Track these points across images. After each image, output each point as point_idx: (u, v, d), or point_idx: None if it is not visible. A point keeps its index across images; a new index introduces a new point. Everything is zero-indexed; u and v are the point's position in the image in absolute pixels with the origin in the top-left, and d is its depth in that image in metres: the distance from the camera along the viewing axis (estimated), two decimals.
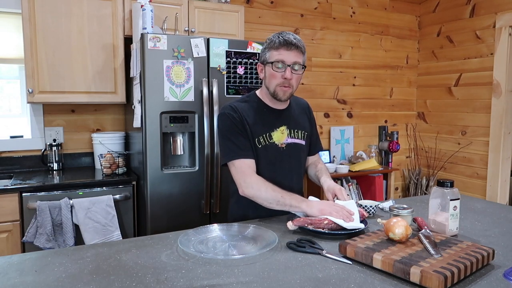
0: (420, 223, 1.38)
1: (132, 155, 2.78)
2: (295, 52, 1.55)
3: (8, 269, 1.11)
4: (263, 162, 1.63)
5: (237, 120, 1.60)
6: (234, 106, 1.64)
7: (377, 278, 1.05)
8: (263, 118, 1.65)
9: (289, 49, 1.53)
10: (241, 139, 1.59)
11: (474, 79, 3.74)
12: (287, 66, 1.55)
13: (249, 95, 1.72)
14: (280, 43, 1.53)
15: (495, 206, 1.80)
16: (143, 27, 2.44)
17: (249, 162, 1.57)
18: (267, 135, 1.63)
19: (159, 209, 2.38)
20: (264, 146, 1.62)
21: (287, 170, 1.67)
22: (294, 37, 1.55)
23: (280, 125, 1.67)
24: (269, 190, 1.51)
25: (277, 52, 1.55)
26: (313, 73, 3.75)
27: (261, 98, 1.69)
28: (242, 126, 1.60)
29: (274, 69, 1.56)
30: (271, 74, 1.57)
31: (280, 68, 1.55)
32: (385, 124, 4.19)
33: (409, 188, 4.25)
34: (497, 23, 3.51)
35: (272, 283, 1.03)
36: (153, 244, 1.31)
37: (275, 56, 1.55)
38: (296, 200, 1.50)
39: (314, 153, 1.87)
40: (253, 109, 1.65)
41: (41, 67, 2.52)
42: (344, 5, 3.85)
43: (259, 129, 1.63)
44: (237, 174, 1.57)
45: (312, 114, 1.85)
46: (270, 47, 1.57)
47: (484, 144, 3.67)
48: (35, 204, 2.21)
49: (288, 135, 1.68)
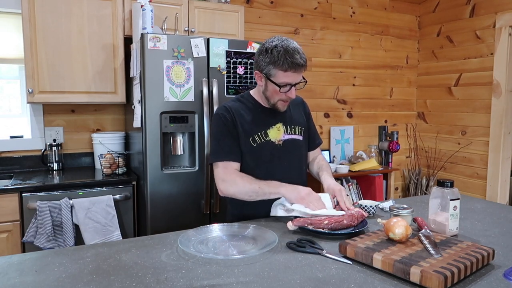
0: (420, 223, 1.38)
1: (132, 155, 2.78)
2: (301, 71, 1.53)
3: (8, 269, 1.11)
4: (260, 161, 1.63)
5: (229, 121, 1.61)
6: (228, 106, 1.64)
7: (377, 278, 1.05)
8: (258, 116, 1.65)
9: (296, 71, 1.51)
10: (228, 142, 1.60)
11: (474, 79, 3.74)
12: (292, 86, 1.54)
13: (243, 95, 1.72)
14: (289, 66, 1.48)
15: (495, 206, 1.80)
16: (143, 27, 2.45)
17: (233, 165, 1.60)
18: (262, 133, 1.64)
19: (159, 209, 2.38)
20: (259, 145, 1.63)
21: (286, 167, 1.67)
22: (300, 55, 1.49)
23: (276, 122, 1.67)
24: (246, 184, 1.53)
25: (284, 74, 1.50)
26: (313, 73, 3.75)
27: (256, 99, 1.69)
28: (233, 127, 1.61)
29: (281, 90, 1.54)
30: (274, 91, 1.57)
31: (286, 88, 1.54)
32: (385, 124, 4.19)
33: (409, 188, 4.25)
34: (497, 23, 3.51)
35: (272, 283, 1.03)
36: (153, 244, 1.31)
37: (282, 78, 1.52)
38: (274, 186, 1.52)
39: (314, 147, 1.86)
40: (248, 108, 1.66)
41: (41, 67, 2.52)
42: (344, 5, 3.85)
43: (254, 128, 1.63)
44: (217, 176, 1.61)
45: (307, 108, 1.84)
46: (276, 65, 1.49)
47: (484, 144, 3.67)
48: (35, 204, 2.21)
49: (284, 132, 1.68)
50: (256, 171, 1.60)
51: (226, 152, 1.60)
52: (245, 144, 1.62)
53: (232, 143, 1.61)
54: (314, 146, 1.86)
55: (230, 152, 1.60)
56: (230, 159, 1.59)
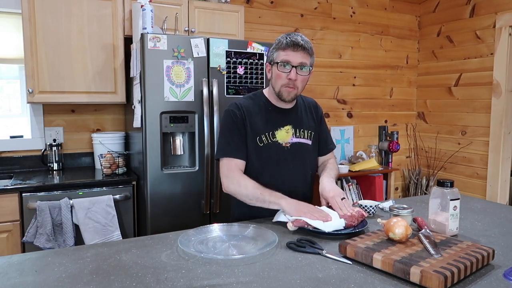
0: (420, 223, 1.38)
1: (132, 155, 2.78)
2: (302, 53, 1.54)
3: (8, 269, 1.11)
4: (265, 162, 1.62)
5: (238, 118, 1.61)
6: (239, 103, 1.65)
7: (377, 278, 1.05)
8: (267, 116, 1.65)
9: (296, 50, 1.54)
10: (235, 139, 1.60)
11: (474, 79, 3.74)
12: (293, 67, 1.54)
13: (256, 93, 1.73)
14: (287, 44, 1.54)
15: (495, 206, 1.80)
16: (143, 27, 2.44)
17: (237, 162, 1.60)
18: (270, 134, 1.63)
19: (159, 209, 2.38)
20: (266, 145, 1.62)
21: (291, 170, 1.65)
22: (302, 38, 1.56)
23: (285, 124, 1.66)
24: (249, 187, 1.54)
25: (284, 52, 1.55)
26: (313, 73, 3.72)
27: (268, 97, 1.69)
28: (242, 124, 1.61)
29: (279, 70, 1.56)
30: (276, 74, 1.58)
31: (286, 68, 1.55)
32: (385, 124, 4.19)
33: (409, 188, 4.25)
34: (497, 23, 3.51)
35: (272, 283, 1.03)
36: (153, 244, 1.31)
37: (281, 56, 1.55)
38: (276, 197, 1.50)
39: (326, 152, 1.81)
40: (258, 107, 1.66)
41: (41, 67, 2.52)
42: (344, 5, 3.85)
43: (262, 127, 1.62)
44: (222, 172, 1.62)
45: (320, 112, 1.81)
46: (278, 48, 1.57)
47: (484, 144, 3.67)
48: (35, 204, 2.21)
49: (293, 135, 1.67)
50: (261, 171, 1.60)
51: (232, 149, 1.60)
52: (251, 142, 1.62)
53: (239, 141, 1.61)
54: (325, 151, 1.81)
55: (236, 149, 1.60)
56: (235, 156, 1.59)
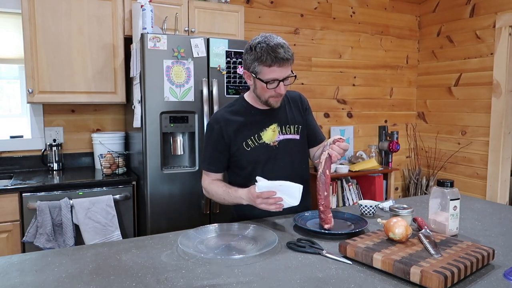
0: (420, 223, 1.38)
1: (132, 155, 2.78)
2: (287, 66, 1.51)
3: (8, 269, 1.11)
4: (255, 164, 1.63)
5: (215, 132, 1.64)
6: (217, 117, 1.66)
7: (377, 278, 1.05)
8: (251, 120, 1.64)
9: (282, 66, 1.49)
10: (210, 153, 1.69)
11: (474, 79, 3.74)
12: (280, 81, 1.52)
13: (237, 99, 1.71)
14: (273, 60, 1.46)
15: (495, 206, 1.80)
16: (143, 27, 2.44)
17: (210, 175, 1.70)
18: (256, 137, 1.63)
19: (159, 209, 2.38)
20: (253, 148, 1.62)
21: (282, 168, 1.65)
22: (284, 49, 1.48)
23: (270, 123, 1.65)
24: (217, 190, 1.63)
25: (269, 69, 1.49)
26: (313, 73, 3.75)
27: (249, 102, 1.68)
28: (221, 136, 1.63)
29: (268, 87, 1.53)
30: (263, 88, 1.55)
31: (273, 84, 1.52)
32: (385, 124, 4.19)
33: (409, 188, 4.25)
34: (497, 23, 3.51)
35: (272, 283, 1.03)
36: (153, 244, 1.31)
37: (268, 74, 1.50)
38: (235, 190, 1.57)
39: (316, 144, 1.79)
40: (240, 114, 1.65)
41: (41, 67, 2.52)
42: (344, 5, 3.85)
43: (246, 133, 1.62)
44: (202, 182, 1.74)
45: (305, 104, 1.77)
46: (261, 63, 1.48)
47: (484, 144, 3.67)
48: (35, 204, 2.21)
49: (279, 132, 1.66)
50: (253, 174, 1.59)
51: (207, 163, 1.71)
52: (238, 149, 1.62)
53: (213, 154, 1.67)
54: (316, 143, 1.79)
55: (210, 163, 1.70)
56: (209, 170, 1.70)
